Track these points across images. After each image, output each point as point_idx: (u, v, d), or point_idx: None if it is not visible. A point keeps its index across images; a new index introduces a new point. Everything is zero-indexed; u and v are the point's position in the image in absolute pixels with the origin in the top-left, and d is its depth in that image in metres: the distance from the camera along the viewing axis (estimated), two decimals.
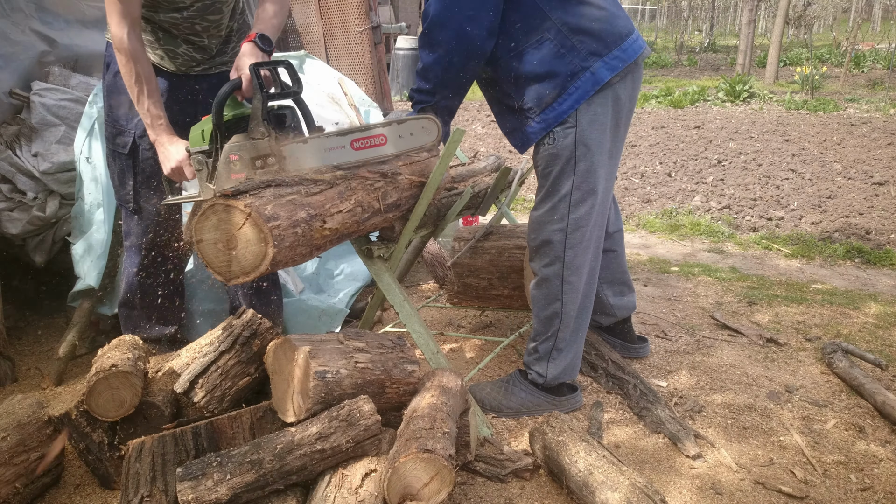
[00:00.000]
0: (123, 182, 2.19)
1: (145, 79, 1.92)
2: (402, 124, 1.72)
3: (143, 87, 1.92)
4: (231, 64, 2.17)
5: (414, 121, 1.72)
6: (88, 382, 1.78)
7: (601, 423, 2.18)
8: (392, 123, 1.73)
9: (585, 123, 1.98)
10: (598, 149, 2.01)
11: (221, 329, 2.03)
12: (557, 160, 2.01)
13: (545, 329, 2.16)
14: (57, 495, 1.88)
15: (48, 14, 2.89)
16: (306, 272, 2.92)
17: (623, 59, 1.98)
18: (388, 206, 1.87)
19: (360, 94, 3.89)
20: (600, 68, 1.95)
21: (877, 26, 31.73)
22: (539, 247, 2.11)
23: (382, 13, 5.20)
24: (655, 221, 4.55)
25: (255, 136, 1.72)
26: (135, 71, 1.90)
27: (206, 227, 1.55)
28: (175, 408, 1.91)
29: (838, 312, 3.05)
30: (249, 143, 1.72)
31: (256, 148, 1.72)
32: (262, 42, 1.92)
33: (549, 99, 1.97)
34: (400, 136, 1.74)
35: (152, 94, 1.94)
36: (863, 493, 1.85)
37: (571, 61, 1.94)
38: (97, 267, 2.54)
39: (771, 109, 9.35)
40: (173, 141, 1.93)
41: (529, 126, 2.02)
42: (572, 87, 1.95)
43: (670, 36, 25.97)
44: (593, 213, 2.07)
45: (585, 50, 1.94)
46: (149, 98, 1.93)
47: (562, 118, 1.97)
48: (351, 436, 1.60)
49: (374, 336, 1.92)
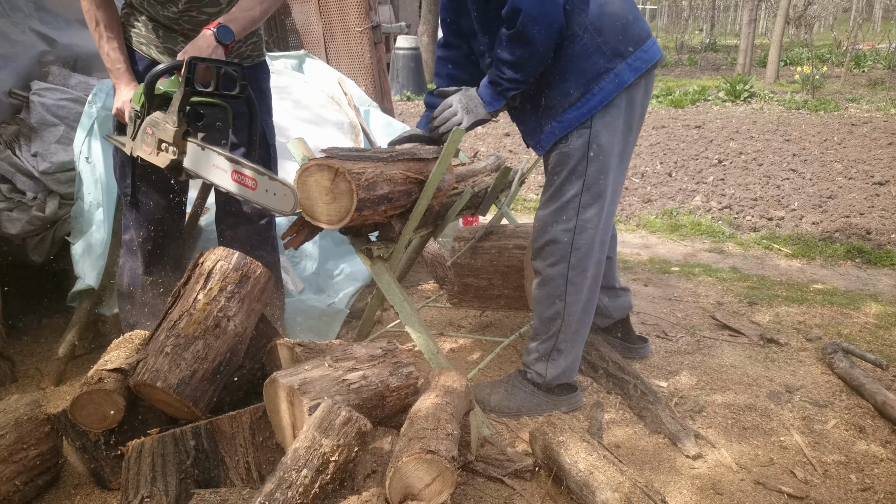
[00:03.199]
0: (124, 175, 2.22)
1: (105, 25, 2.01)
2: (272, 181, 1.76)
3: (104, 33, 2.02)
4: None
5: (280, 185, 1.75)
6: (76, 392, 1.77)
7: (601, 423, 2.18)
8: (265, 175, 1.77)
9: (600, 126, 1.98)
10: (609, 151, 2.01)
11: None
12: (568, 160, 2.01)
13: (546, 329, 2.16)
14: (56, 495, 1.88)
15: (48, 14, 2.88)
16: (306, 272, 2.92)
17: (645, 59, 1.99)
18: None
19: (360, 93, 3.89)
20: (624, 70, 1.95)
21: (877, 26, 31.71)
22: (544, 246, 2.11)
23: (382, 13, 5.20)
24: (656, 221, 4.55)
25: (168, 122, 1.82)
26: (95, 17, 2.00)
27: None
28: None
29: (839, 312, 3.04)
30: (162, 124, 1.83)
31: (165, 132, 1.82)
32: (221, 33, 1.90)
33: (573, 98, 1.96)
34: (266, 190, 1.78)
35: (112, 40, 2.02)
36: (863, 493, 1.84)
37: (597, 62, 1.93)
38: (97, 267, 2.54)
39: (771, 109, 9.34)
40: (130, 86, 2.03)
41: (550, 126, 2.02)
42: (596, 88, 1.95)
43: (671, 35, 25.96)
44: (601, 215, 2.07)
45: (611, 51, 1.94)
46: (108, 43, 2.02)
47: (584, 119, 1.97)
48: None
49: (363, 347, 1.89)
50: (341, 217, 1.81)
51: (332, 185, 1.79)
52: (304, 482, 1.41)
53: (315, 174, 1.80)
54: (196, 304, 1.82)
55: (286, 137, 3.11)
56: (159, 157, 1.86)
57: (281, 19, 5.48)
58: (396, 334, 2.82)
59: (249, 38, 2.23)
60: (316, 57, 4.13)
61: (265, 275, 1.95)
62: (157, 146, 1.85)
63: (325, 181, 1.80)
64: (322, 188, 1.81)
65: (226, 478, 1.70)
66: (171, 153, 1.83)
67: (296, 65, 3.95)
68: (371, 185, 1.83)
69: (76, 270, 2.58)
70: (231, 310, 1.84)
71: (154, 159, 1.88)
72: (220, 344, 1.79)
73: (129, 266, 2.33)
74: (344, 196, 1.79)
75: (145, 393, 1.76)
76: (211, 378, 1.77)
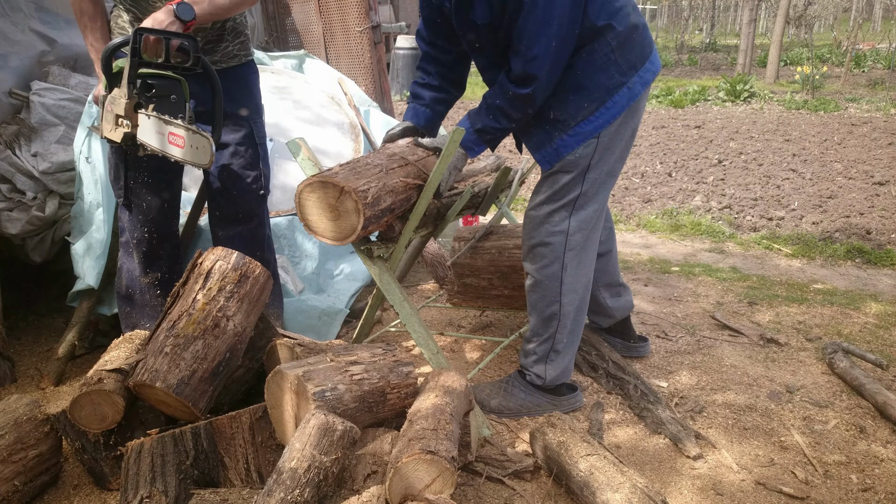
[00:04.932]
0: (117, 177, 2.22)
1: (90, 16, 2.07)
2: (194, 135, 1.76)
3: (87, 23, 2.07)
4: (220, 63, 2.20)
5: (200, 136, 1.75)
6: (75, 392, 1.77)
7: (602, 423, 2.18)
8: (190, 131, 1.77)
9: (608, 136, 1.98)
10: (612, 158, 2.02)
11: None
12: (573, 168, 2.01)
13: (543, 331, 2.15)
14: (56, 495, 1.88)
15: (48, 14, 2.88)
16: (306, 272, 2.92)
17: (653, 71, 2.01)
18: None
19: (360, 93, 3.88)
20: (636, 83, 1.96)
21: (877, 26, 31.71)
22: (536, 247, 2.09)
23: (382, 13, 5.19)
24: (656, 221, 4.55)
25: (119, 95, 1.83)
26: (80, 8, 2.06)
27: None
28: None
29: (839, 312, 3.04)
30: (118, 101, 1.83)
31: (120, 106, 1.83)
32: (181, 9, 1.89)
33: (586, 112, 1.95)
34: (191, 146, 1.78)
35: (96, 30, 2.08)
36: (864, 493, 1.84)
37: (612, 75, 1.94)
38: (97, 267, 2.54)
39: (771, 109, 9.34)
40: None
41: (561, 139, 1.99)
42: (610, 102, 1.95)
43: (671, 35, 25.96)
44: (596, 216, 2.07)
45: (626, 64, 1.94)
46: (91, 34, 2.08)
47: (597, 132, 1.96)
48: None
49: (364, 346, 1.91)
50: (348, 234, 1.82)
51: (337, 202, 1.79)
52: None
53: (318, 191, 1.80)
54: (195, 304, 1.81)
55: (286, 137, 3.11)
56: (116, 132, 1.87)
57: (281, 19, 5.48)
58: (396, 334, 2.82)
59: (237, 38, 2.23)
60: (316, 57, 4.12)
61: (264, 274, 1.95)
62: (114, 122, 1.86)
63: (329, 199, 1.80)
64: (326, 205, 1.81)
65: (225, 478, 1.70)
66: (125, 126, 1.84)
67: (296, 65, 3.95)
68: (376, 200, 1.83)
69: (76, 270, 2.58)
70: (230, 309, 1.83)
71: (112, 135, 1.88)
72: (219, 344, 1.79)
73: (126, 267, 2.33)
74: (350, 214, 1.79)
75: (145, 393, 1.76)
76: (210, 378, 1.77)
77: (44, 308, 3.07)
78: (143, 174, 2.19)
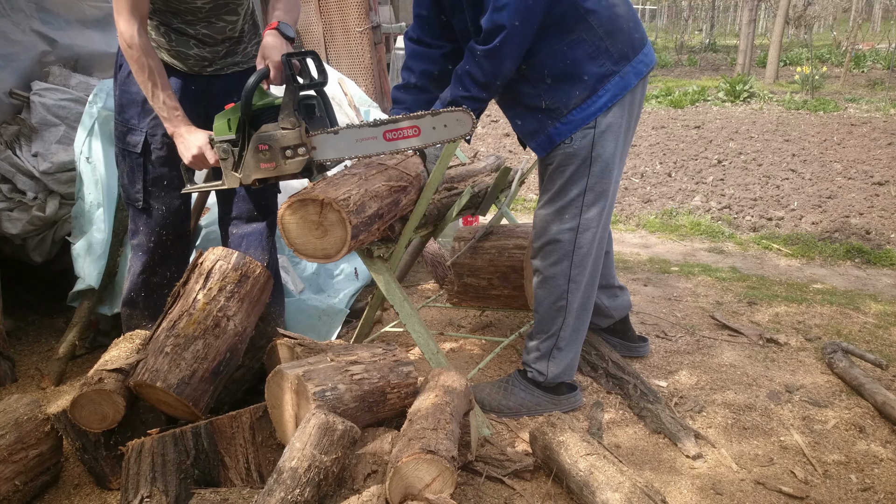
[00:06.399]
0: (133, 181, 2.19)
1: (157, 73, 1.94)
2: (437, 116, 1.73)
3: (157, 80, 1.93)
4: (242, 65, 2.19)
5: (448, 113, 1.72)
6: (76, 392, 1.77)
7: (601, 423, 2.18)
8: (426, 115, 1.74)
9: (603, 126, 1.99)
10: (612, 151, 2.02)
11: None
12: (573, 160, 2.02)
13: (547, 327, 2.16)
14: (56, 495, 1.88)
15: (48, 14, 2.88)
16: (306, 272, 2.92)
17: (647, 63, 2.03)
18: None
19: (360, 94, 3.88)
20: (629, 73, 1.97)
21: (877, 26, 31.73)
22: (546, 245, 2.11)
23: (382, 13, 5.20)
24: (655, 221, 4.55)
25: (286, 126, 1.76)
26: (147, 65, 1.91)
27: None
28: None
29: (838, 312, 3.05)
30: (279, 133, 1.77)
31: (287, 138, 1.77)
32: (285, 31, 1.91)
33: (577, 100, 1.97)
34: (433, 128, 1.75)
35: (165, 87, 1.95)
36: (863, 493, 1.85)
37: (603, 64, 1.95)
38: (97, 267, 2.54)
39: (771, 109, 9.35)
40: (192, 131, 1.96)
41: (554, 127, 2.01)
42: (602, 90, 1.96)
43: (670, 36, 25.97)
44: (603, 214, 2.08)
45: (617, 53, 1.95)
46: (163, 91, 1.94)
47: (589, 120, 1.97)
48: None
49: (364, 346, 1.91)
50: (338, 248, 1.75)
51: (321, 217, 1.73)
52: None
53: (299, 210, 1.74)
54: (196, 304, 1.82)
55: None
56: (289, 165, 1.81)
57: None
58: (396, 334, 2.83)
59: (254, 38, 2.24)
60: None
61: (265, 274, 1.95)
62: (281, 157, 1.79)
63: (312, 216, 1.74)
64: (309, 224, 1.75)
65: (226, 477, 1.70)
66: (302, 153, 1.78)
67: None
68: (360, 207, 1.77)
69: (76, 270, 2.58)
70: (230, 309, 1.84)
71: (281, 171, 1.82)
72: (219, 344, 1.79)
73: (134, 270, 2.32)
74: (336, 227, 1.73)
75: (145, 393, 1.76)
76: (210, 378, 1.77)
77: (44, 308, 3.07)
78: (161, 178, 2.17)
